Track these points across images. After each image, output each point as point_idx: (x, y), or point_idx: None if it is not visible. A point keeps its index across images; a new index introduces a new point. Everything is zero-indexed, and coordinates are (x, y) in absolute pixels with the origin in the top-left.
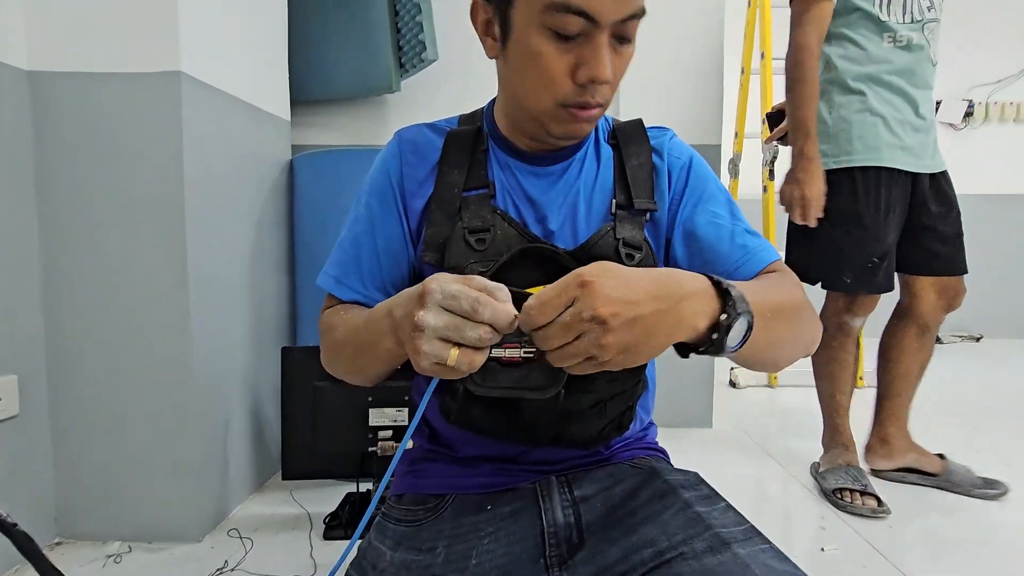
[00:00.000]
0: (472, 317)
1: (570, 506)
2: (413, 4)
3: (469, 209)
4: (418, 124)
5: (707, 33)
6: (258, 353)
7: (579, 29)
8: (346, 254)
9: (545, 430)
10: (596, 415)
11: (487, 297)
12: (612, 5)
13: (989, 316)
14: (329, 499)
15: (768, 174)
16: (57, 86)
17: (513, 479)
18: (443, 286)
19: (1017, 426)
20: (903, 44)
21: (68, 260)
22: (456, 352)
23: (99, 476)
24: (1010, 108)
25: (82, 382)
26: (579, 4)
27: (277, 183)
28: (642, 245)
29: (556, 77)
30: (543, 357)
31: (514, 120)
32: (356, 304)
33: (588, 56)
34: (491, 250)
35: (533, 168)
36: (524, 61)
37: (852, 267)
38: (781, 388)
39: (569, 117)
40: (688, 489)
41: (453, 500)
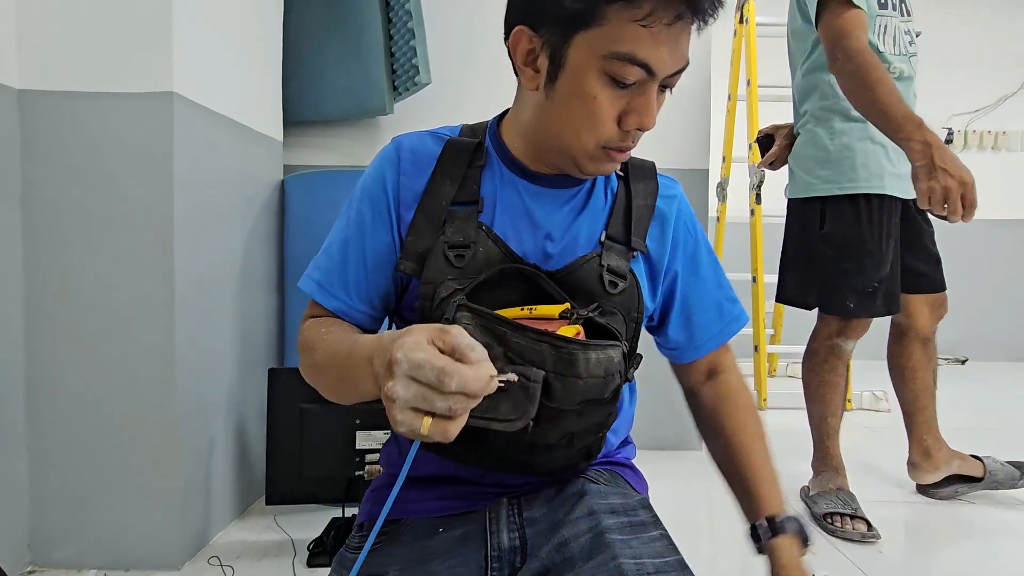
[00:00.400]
0: (439, 389)
1: (516, 529)
2: (407, 29)
3: (454, 223)
4: (419, 132)
5: (694, 60)
6: (244, 374)
7: (636, 78)
8: (332, 259)
9: (512, 460)
10: (563, 447)
11: (454, 366)
12: (670, 59)
13: (974, 339)
14: (314, 525)
15: (755, 198)
16: (47, 105)
17: (468, 503)
18: (408, 355)
19: (1003, 448)
20: (896, 75)
21: (51, 280)
22: (429, 422)
23: (75, 501)
24: (988, 136)
25: (61, 404)
26: (643, 58)
27: (268, 203)
28: (627, 275)
29: (605, 121)
30: (514, 387)
31: (538, 147)
32: (337, 317)
33: (639, 105)
34: (470, 267)
35: (539, 188)
36: (574, 100)
37: (855, 292)
38: (770, 411)
39: (605, 157)
40: (619, 515)
41: (410, 525)
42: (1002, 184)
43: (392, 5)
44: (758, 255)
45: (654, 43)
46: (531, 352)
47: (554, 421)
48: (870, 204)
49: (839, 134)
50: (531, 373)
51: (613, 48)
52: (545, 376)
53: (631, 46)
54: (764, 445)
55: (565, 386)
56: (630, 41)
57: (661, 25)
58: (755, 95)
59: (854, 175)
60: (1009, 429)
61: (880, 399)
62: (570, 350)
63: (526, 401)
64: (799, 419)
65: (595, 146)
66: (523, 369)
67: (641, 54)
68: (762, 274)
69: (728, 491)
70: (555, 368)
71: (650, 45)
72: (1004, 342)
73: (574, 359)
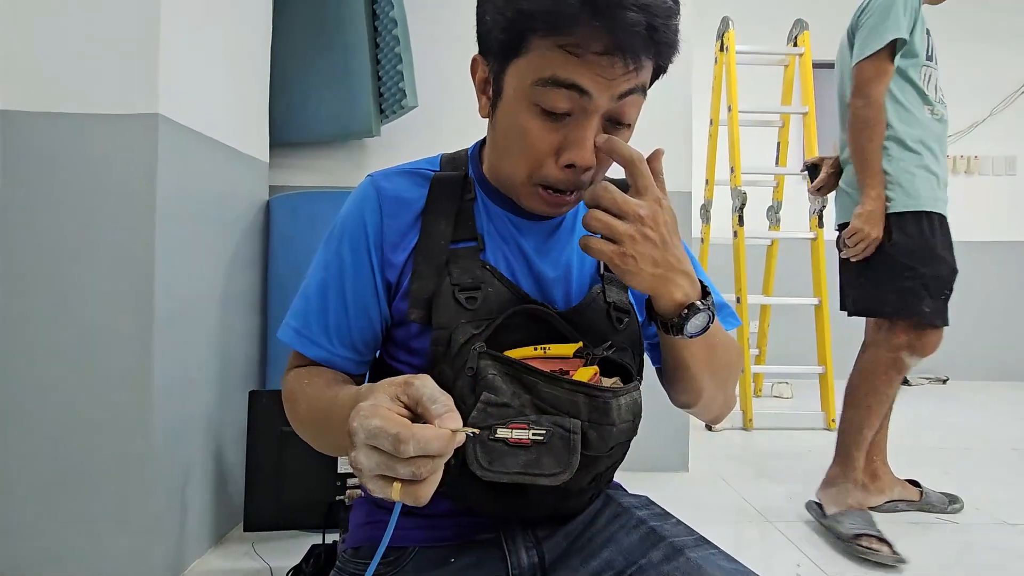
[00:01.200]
0: (398, 456)
1: (533, 546)
2: (395, 54)
3: (458, 264)
4: (395, 171)
5: (675, 86)
6: (224, 397)
7: (569, 107)
8: (310, 304)
9: (541, 508)
10: (592, 488)
11: (409, 431)
12: (606, 82)
13: (955, 359)
14: (293, 551)
15: (738, 220)
16: (30, 126)
17: (477, 532)
18: (363, 424)
19: (983, 467)
20: (938, 117)
21: (27, 301)
22: (399, 487)
23: (46, 529)
24: (961, 161)
25: (33, 429)
26: (569, 76)
27: (253, 223)
28: (629, 310)
29: (539, 156)
30: (555, 440)
31: (497, 178)
32: (320, 366)
33: (574, 139)
34: (482, 309)
35: (523, 221)
36: (508, 132)
37: (931, 297)
38: (757, 431)
39: (541, 199)
40: (641, 509)
41: (415, 553)
42: (976, 207)
43: (380, 30)
44: (742, 276)
45: (582, 66)
46: (565, 403)
47: (588, 468)
48: (931, 220)
49: (897, 160)
50: (569, 424)
51: (539, 74)
52: (581, 425)
53: (555, 69)
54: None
55: (600, 435)
56: (556, 65)
57: (590, 54)
58: (736, 120)
59: (916, 195)
60: (990, 448)
61: None
62: (605, 399)
63: (568, 453)
64: (784, 439)
65: (527, 181)
66: (559, 420)
67: (565, 75)
68: (746, 294)
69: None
70: (590, 417)
71: (576, 67)
72: (984, 362)
73: (608, 407)
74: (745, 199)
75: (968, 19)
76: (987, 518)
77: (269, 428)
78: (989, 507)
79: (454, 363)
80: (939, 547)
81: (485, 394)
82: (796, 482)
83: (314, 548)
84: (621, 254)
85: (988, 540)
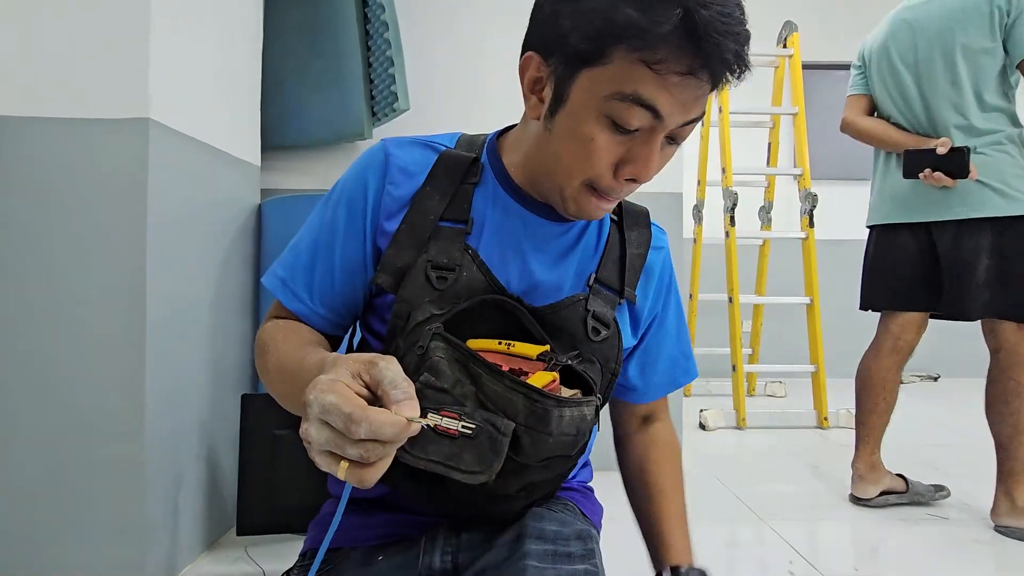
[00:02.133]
0: (348, 436)
1: (451, 552)
2: (386, 57)
3: (439, 242)
4: (409, 140)
5: None
6: (217, 401)
7: (641, 124)
8: (299, 258)
9: (466, 507)
10: (523, 497)
11: (363, 412)
12: (680, 108)
13: (946, 356)
14: (286, 555)
15: (730, 220)
16: (20, 131)
17: (411, 530)
18: (319, 398)
19: (972, 463)
20: None
21: (18, 307)
22: (346, 466)
23: (37, 536)
24: None
25: (25, 434)
26: (650, 99)
27: (245, 227)
28: (611, 324)
29: (599, 166)
30: (482, 437)
31: (533, 175)
32: (298, 320)
33: (640, 154)
34: (450, 292)
35: (532, 216)
36: (571, 139)
37: None
38: (750, 430)
39: (589, 200)
40: (548, 542)
41: (350, 553)
42: None
43: (371, 33)
44: (733, 275)
45: (663, 87)
46: (504, 401)
47: (517, 475)
48: None
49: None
50: (501, 424)
51: (617, 88)
52: (515, 428)
53: (637, 86)
54: (682, 497)
55: (534, 441)
56: (637, 82)
57: (673, 74)
58: (727, 121)
59: None
60: (979, 445)
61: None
62: (545, 406)
63: (492, 454)
64: (777, 438)
65: (582, 186)
66: (492, 418)
67: (647, 95)
68: (738, 294)
69: (641, 539)
70: (526, 422)
71: (658, 88)
72: (972, 359)
73: (548, 416)
74: (736, 199)
75: None
76: (975, 514)
77: (262, 432)
78: (977, 503)
79: (407, 339)
80: (927, 542)
81: (425, 375)
82: (790, 481)
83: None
84: None
85: (975, 535)
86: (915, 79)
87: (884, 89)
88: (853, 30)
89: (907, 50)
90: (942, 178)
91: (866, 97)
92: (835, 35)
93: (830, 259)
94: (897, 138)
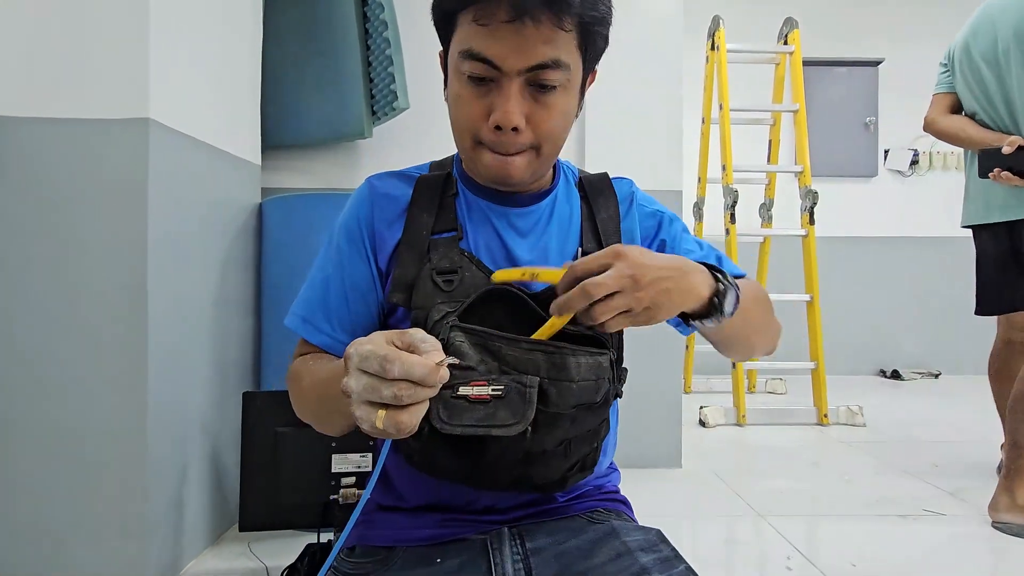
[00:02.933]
0: (384, 376)
1: (520, 559)
2: (386, 56)
3: (438, 251)
4: (388, 173)
5: (666, 85)
6: (219, 399)
7: (487, 75)
8: (314, 293)
9: (508, 472)
10: (560, 455)
11: (396, 353)
12: (513, 55)
13: (947, 353)
14: (288, 551)
15: (730, 217)
16: (20, 131)
17: (462, 530)
18: (358, 349)
19: (973, 461)
20: None
21: (20, 306)
22: (383, 414)
23: (42, 532)
24: (952, 157)
25: (28, 432)
26: (480, 51)
27: (245, 226)
28: None
29: (473, 120)
30: (512, 394)
31: (465, 164)
32: (324, 352)
33: (496, 102)
34: (458, 291)
35: (503, 209)
36: (452, 105)
37: None
38: (750, 427)
39: (490, 159)
40: (647, 551)
41: (403, 553)
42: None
43: (371, 33)
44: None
45: (491, 38)
46: (525, 363)
47: (551, 427)
48: None
49: None
50: (527, 380)
51: (460, 47)
52: (540, 382)
53: (472, 42)
54: (759, 304)
55: (559, 390)
56: (472, 38)
57: (498, 22)
58: (727, 118)
59: None
60: (979, 442)
61: (856, 414)
62: (562, 355)
63: (524, 405)
64: (777, 434)
65: (472, 143)
66: (518, 377)
67: (478, 48)
68: None
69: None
70: (548, 374)
71: (486, 40)
72: (973, 356)
73: (566, 363)
74: (737, 197)
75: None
76: (974, 511)
77: (264, 429)
78: (976, 500)
79: None
80: (925, 539)
81: (451, 359)
82: (788, 477)
83: (309, 547)
84: (644, 314)
85: (974, 533)
86: (995, 74)
87: (966, 85)
88: (854, 26)
89: (988, 45)
90: (1011, 178)
91: (951, 95)
92: (836, 32)
93: (830, 256)
94: (974, 136)
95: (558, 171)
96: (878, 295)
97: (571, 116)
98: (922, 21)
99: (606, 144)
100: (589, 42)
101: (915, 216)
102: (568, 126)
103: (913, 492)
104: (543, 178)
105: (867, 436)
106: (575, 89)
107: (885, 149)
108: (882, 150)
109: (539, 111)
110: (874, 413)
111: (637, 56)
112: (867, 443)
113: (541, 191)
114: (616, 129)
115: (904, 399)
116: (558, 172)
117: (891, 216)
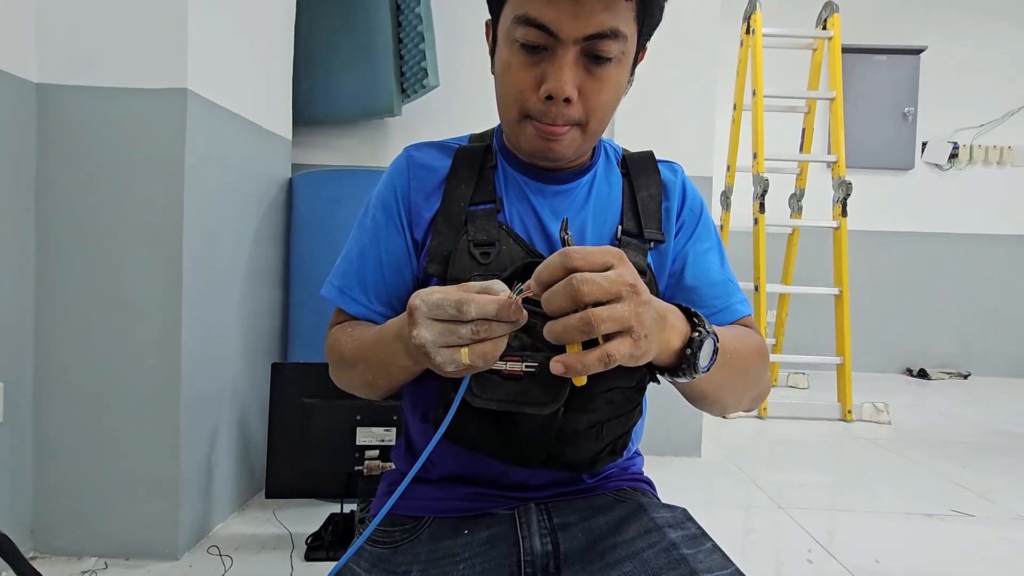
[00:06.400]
0: (460, 319)
1: (548, 534)
2: (416, 33)
3: (475, 223)
4: (427, 143)
5: (699, 69)
6: (249, 368)
7: (542, 42)
8: (351, 265)
9: (539, 449)
10: (592, 437)
11: (468, 295)
12: (572, 21)
13: (977, 355)
14: (312, 519)
15: (759, 207)
16: (64, 99)
17: (490, 504)
18: (426, 299)
19: (1001, 461)
20: None
21: (62, 271)
22: (466, 351)
23: (79, 489)
24: (993, 151)
25: (68, 393)
26: (537, 16)
27: (276, 200)
28: (646, 271)
29: (522, 89)
30: (545, 372)
31: (506, 134)
32: (361, 320)
33: (549, 71)
34: (494, 264)
35: (541, 185)
36: (499, 73)
37: None
38: (771, 419)
39: (535, 133)
40: (675, 528)
41: (430, 523)
42: (1005, 199)
43: (402, 9)
44: (761, 264)
45: (549, 4)
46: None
47: (583, 409)
48: None
49: None
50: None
51: (514, 13)
52: None
53: (527, 8)
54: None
55: None
56: (527, 5)
57: None
58: (760, 105)
59: None
60: (1008, 443)
61: (881, 411)
62: None
63: (557, 383)
64: (799, 428)
65: (519, 116)
66: (551, 355)
67: (534, 14)
68: (764, 283)
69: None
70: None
71: (543, 6)
72: (1005, 358)
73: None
74: (767, 186)
75: (1003, 1)
76: (1003, 512)
77: (291, 399)
78: (1005, 501)
79: None
80: (953, 540)
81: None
82: (809, 470)
83: (332, 516)
84: (635, 341)
85: (1002, 534)
86: None
87: None
88: (897, 13)
89: None
90: None
91: None
92: (878, 17)
93: (860, 250)
94: None
95: (598, 149)
96: (908, 292)
97: (621, 92)
98: (967, 9)
99: (635, 127)
100: (647, 13)
101: (952, 212)
102: (617, 102)
103: (940, 492)
104: (584, 155)
105: (892, 434)
106: (628, 63)
107: (923, 141)
108: (920, 142)
109: (592, 84)
110: (900, 412)
111: (670, 36)
112: (893, 441)
113: (580, 168)
114: (646, 112)
115: (932, 399)
116: (598, 150)
117: (926, 211)
